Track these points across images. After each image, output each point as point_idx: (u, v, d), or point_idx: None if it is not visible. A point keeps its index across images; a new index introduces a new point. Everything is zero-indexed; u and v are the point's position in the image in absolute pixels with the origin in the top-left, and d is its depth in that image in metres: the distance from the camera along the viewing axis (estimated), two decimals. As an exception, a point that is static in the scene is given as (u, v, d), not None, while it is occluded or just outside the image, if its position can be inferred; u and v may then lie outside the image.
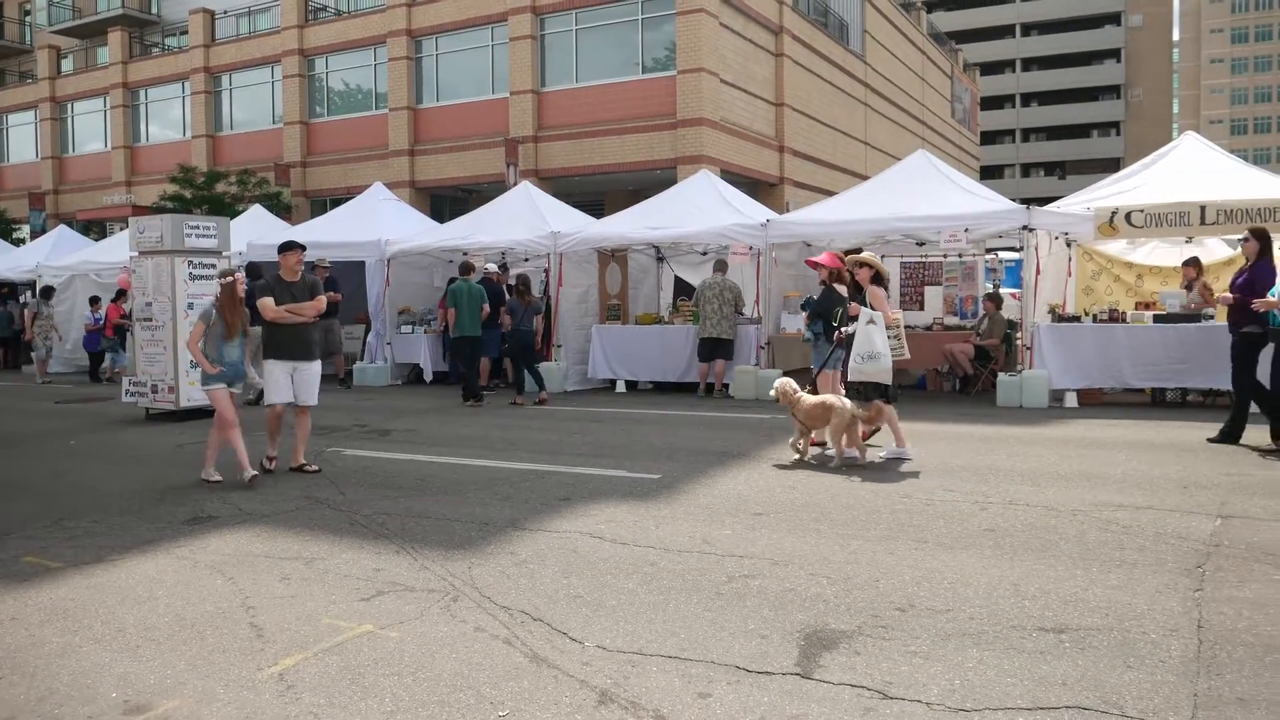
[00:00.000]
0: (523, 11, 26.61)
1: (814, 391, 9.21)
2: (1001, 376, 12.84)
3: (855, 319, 8.97)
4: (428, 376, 17.17)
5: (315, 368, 8.68)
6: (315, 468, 8.61)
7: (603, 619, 4.62)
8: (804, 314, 13.53)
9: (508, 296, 14.49)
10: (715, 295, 14.15)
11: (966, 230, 13.10)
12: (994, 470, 8.16)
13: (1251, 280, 9.20)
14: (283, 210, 28.20)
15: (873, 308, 8.92)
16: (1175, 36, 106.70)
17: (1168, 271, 14.46)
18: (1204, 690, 3.71)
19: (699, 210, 15.37)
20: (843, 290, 9.96)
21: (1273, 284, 8.96)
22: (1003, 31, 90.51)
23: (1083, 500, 6.91)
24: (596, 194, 28.63)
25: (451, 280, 15.42)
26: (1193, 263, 13.14)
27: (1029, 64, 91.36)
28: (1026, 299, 12.95)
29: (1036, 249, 12.90)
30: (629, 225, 15.81)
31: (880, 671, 3.94)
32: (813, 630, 4.42)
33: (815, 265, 10.58)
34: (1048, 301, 13.37)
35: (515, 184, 21.82)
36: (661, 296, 17.78)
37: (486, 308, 14.16)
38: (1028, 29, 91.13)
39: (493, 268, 16.25)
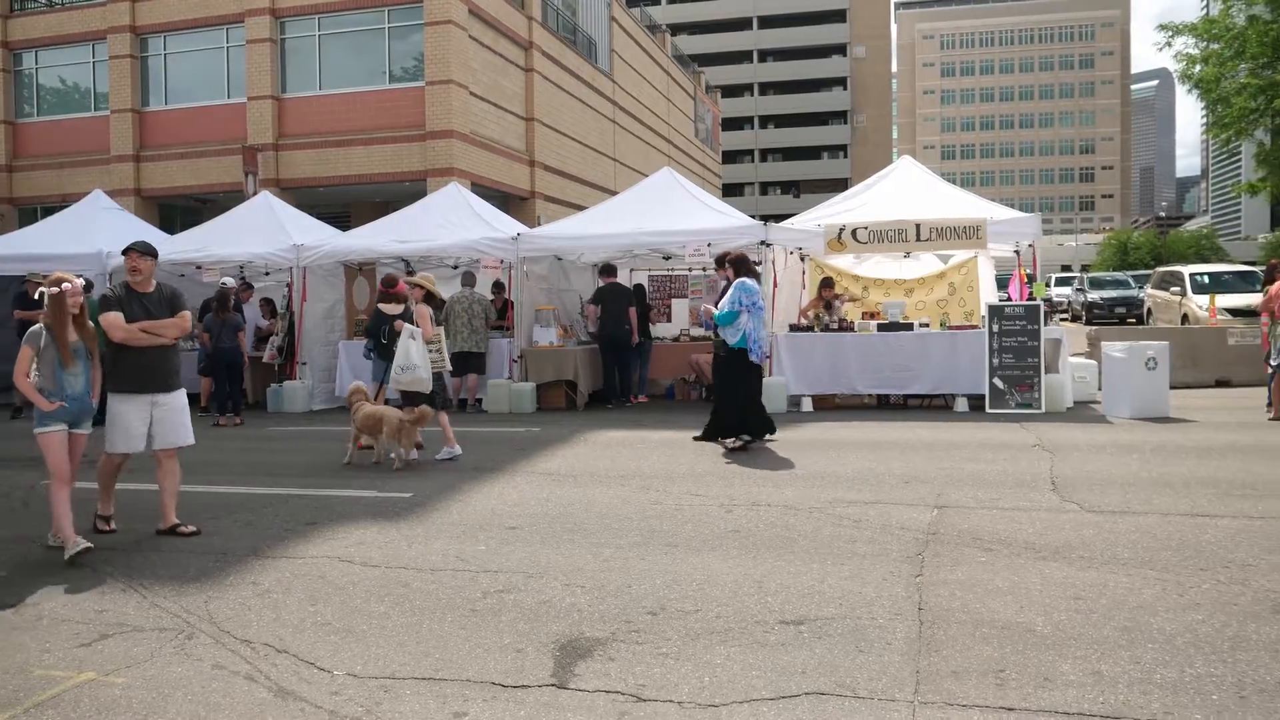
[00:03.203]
0: (261, 14, 25.40)
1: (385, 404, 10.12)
2: (745, 384, 13.45)
3: (400, 334, 9.87)
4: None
5: (181, 399, 6.91)
6: (193, 529, 6.76)
7: (353, 645, 4.47)
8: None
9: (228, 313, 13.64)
10: (464, 309, 14.02)
11: (710, 245, 13.67)
12: (738, 474, 8.54)
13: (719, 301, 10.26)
14: (-15, 219, 25.50)
15: (417, 325, 9.81)
16: (894, 68, 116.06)
17: (890, 284, 15.69)
18: (925, 667, 4.03)
19: (449, 223, 15.18)
20: (391, 309, 10.75)
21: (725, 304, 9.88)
22: (741, 57, 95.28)
23: (818, 498, 7.36)
24: (342, 206, 27.71)
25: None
26: (828, 283, 14.31)
27: (766, 88, 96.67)
28: (765, 310, 13.65)
29: (774, 263, 13.65)
30: (377, 238, 15.39)
31: (634, 675, 4.02)
32: (568, 640, 4.45)
33: (386, 285, 11.36)
34: (803, 311, 14.21)
35: (254, 194, 20.74)
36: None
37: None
38: (764, 55, 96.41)
39: (230, 283, 15.35)
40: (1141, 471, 8.21)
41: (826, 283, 14.45)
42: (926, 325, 13.41)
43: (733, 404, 10.02)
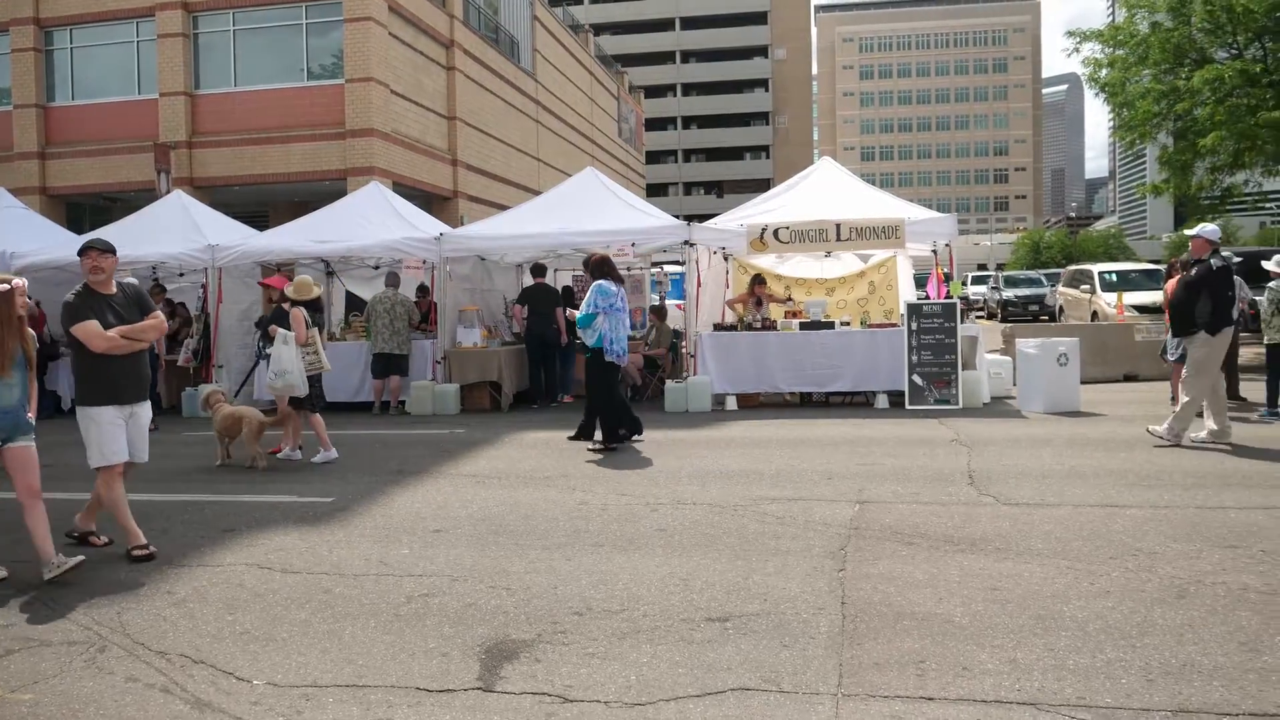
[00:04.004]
0: (172, 8, 24.69)
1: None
2: (669, 384, 13.52)
3: (274, 339, 9.88)
4: (66, 405, 15.42)
5: (148, 411, 6.57)
6: (105, 540, 6.53)
7: (273, 654, 4.38)
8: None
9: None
10: (386, 310, 13.84)
11: (634, 245, 13.69)
12: (664, 472, 8.57)
13: None
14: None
15: (291, 329, 9.81)
16: (814, 70, 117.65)
17: (812, 283, 15.91)
18: (848, 660, 4.10)
19: (370, 223, 14.96)
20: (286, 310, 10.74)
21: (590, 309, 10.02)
22: (664, 58, 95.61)
23: (743, 495, 7.42)
24: (259, 205, 27.10)
25: None
26: (758, 280, 14.53)
27: (689, 89, 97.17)
28: (689, 310, 13.74)
29: (698, 263, 13.74)
30: (295, 238, 15.09)
31: (560, 676, 4.01)
32: (494, 643, 4.43)
33: (267, 286, 11.37)
34: (731, 303, 14.33)
35: (167, 192, 20.21)
36: (332, 312, 17.10)
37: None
38: (687, 56, 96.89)
39: (135, 283, 14.90)
40: (1054, 464, 8.45)
41: (759, 279, 14.59)
42: (848, 324, 13.62)
43: (597, 404, 10.15)
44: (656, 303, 17.17)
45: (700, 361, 13.33)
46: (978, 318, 32.40)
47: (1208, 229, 9.75)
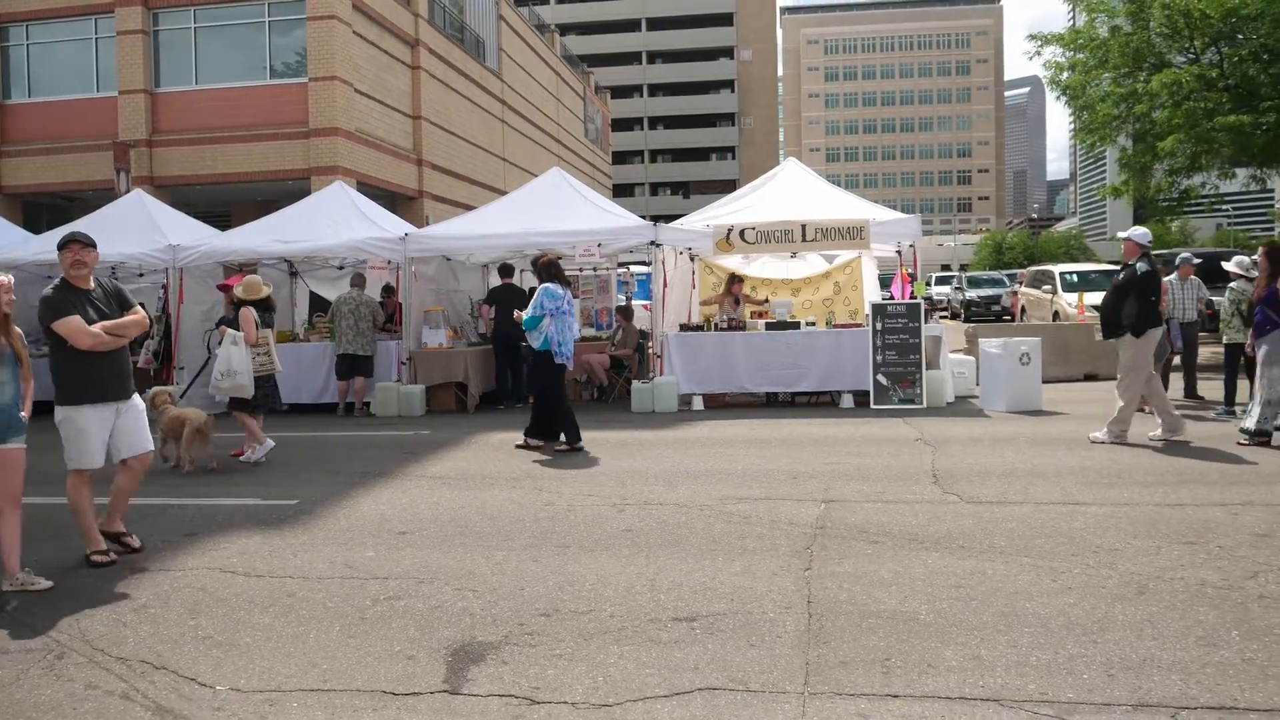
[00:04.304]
0: (132, 4, 24.34)
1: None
2: (636, 384, 13.52)
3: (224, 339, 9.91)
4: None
5: (137, 402, 6.33)
6: (138, 542, 6.32)
7: (236, 659, 4.33)
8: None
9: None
10: (351, 311, 13.73)
11: (600, 245, 13.68)
12: (631, 473, 8.57)
13: None
14: None
15: (240, 329, 9.81)
16: (780, 72, 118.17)
17: (777, 283, 15.97)
18: (814, 658, 4.12)
19: (334, 223, 14.82)
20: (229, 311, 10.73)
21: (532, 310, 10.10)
22: (630, 58, 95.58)
23: (709, 495, 7.44)
24: (222, 205, 26.79)
25: None
26: (735, 279, 14.62)
27: (655, 90, 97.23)
28: (656, 310, 13.75)
29: (664, 263, 13.75)
30: (258, 238, 14.93)
31: (527, 678, 4.00)
32: (460, 645, 4.40)
33: (225, 289, 11.29)
34: (709, 301, 14.41)
35: (127, 192, 19.93)
36: (296, 313, 16.95)
37: None
38: (653, 57, 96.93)
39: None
40: (1017, 463, 8.55)
41: (737, 279, 14.62)
42: (813, 324, 13.69)
43: (544, 405, 10.16)
44: (623, 303, 17.17)
45: (667, 362, 13.34)
46: (941, 318, 32.74)
47: (1137, 232, 9.94)
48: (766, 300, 14.98)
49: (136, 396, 6.31)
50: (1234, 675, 3.84)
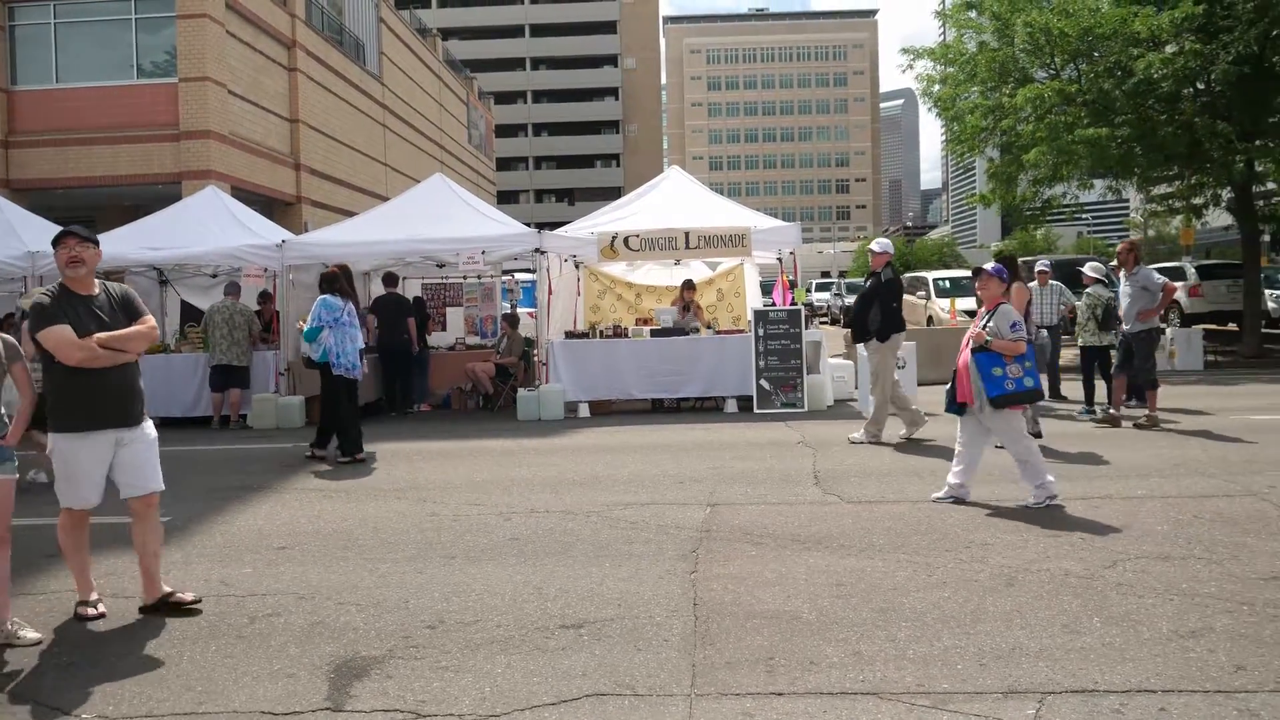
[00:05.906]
0: (-17, -2, 23.15)
1: None
2: (521, 392, 13.45)
3: None
4: None
5: (148, 432, 5.21)
6: (194, 598, 5.19)
7: (104, 684, 4.15)
8: None
9: None
10: (225, 320, 13.29)
11: (484, 252, 13.57)
12: (517, 481, 8.52)
13: None
14: None
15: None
16: (663, 80, 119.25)
17: (662, 290, 16.11)
18: (701, 660, 4.17)
19: (207, 229, 14.32)
20: None
21: None
22: (514, 64, 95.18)
23: (596, 502, 7.45)
24: (86, 209, 25.55)
25: None
26: (689, 285, 14.74)
27: (539, 96, 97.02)
28: (541, 318, 13.70)
29: (549, 270, 13.72)
30: (126, 245, 14.27)
31: (413, 692, 3.94)
32: (343, 661, 4.31)
33: None
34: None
35: (-21, 196, 18.87)
36: (166, 323, 16.30)
37: None
38: (537, 63, 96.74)
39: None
40: (894, 463, 8.82)
41: (688, 284, 14.65)
42: (697, 330, 13.85)
43: (330, 415, 10.11)
44: (508, 311, 17.06)
45: (552, 369, 13.31)
46: (821, 323, 33.47)
47: (880, 243, 10.56)
48: (699, 307, 15.00)
49: (148, 424, 5.25)
50: (1095, 660, 4.05)
